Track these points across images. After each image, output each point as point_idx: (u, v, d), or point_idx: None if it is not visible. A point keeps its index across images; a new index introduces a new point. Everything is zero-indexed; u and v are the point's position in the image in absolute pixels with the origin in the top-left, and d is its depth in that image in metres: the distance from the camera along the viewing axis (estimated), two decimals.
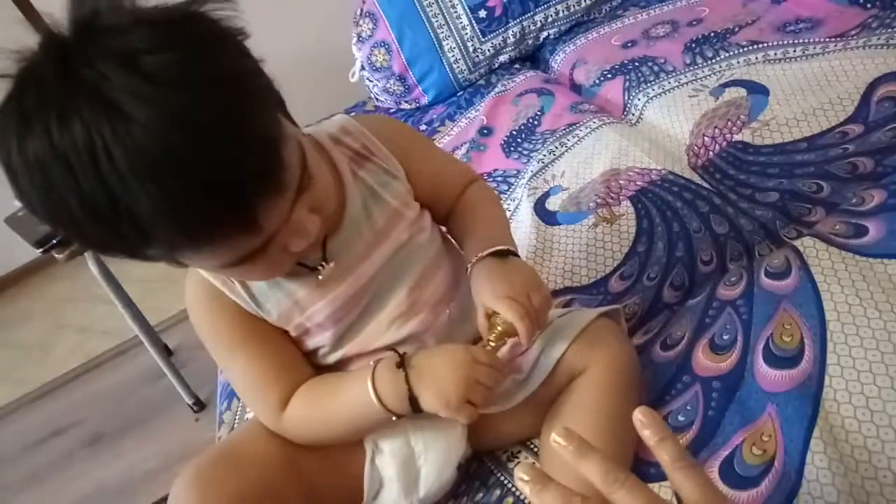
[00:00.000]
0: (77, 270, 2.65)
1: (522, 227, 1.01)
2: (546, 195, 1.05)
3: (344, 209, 0.63)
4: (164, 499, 0.73)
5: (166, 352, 1.81)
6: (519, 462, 0.72)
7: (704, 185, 0.90)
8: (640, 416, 0.45)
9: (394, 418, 0.60)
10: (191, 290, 0.64)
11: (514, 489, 0.69)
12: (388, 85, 1.53)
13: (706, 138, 0.97)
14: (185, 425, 1.71)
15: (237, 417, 0.96)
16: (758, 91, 1.00)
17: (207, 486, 0.59)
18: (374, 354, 0.66)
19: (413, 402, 0.59)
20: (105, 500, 1.63)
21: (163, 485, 1.52)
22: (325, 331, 0.65)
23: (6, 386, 2.28)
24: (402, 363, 0.60)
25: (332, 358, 0.67)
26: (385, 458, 0.67)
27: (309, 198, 0.52)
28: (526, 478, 0.43)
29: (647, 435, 0.44)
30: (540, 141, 1.18)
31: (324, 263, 0.61)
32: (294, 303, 0.63)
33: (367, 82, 1.59)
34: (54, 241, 1.40)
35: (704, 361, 0.69)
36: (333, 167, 0.64)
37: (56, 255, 1.44)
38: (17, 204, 1.49)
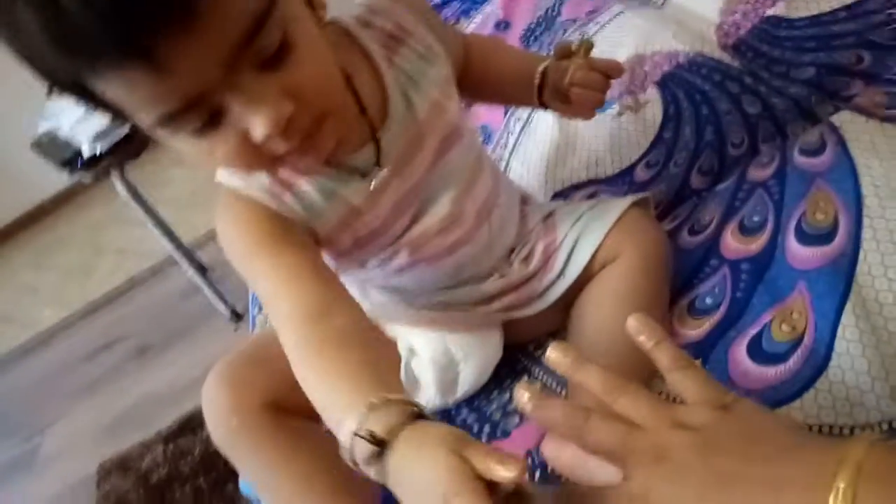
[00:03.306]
0: (109, 196, 2.70)
1: (544, 120, 0.98)
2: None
3: (387, 102, 0.59)
4: None
5: (201, 268, 1.86)
6: (545, 351, 0.73)
7: (735, 65, 0.86)
8: (633, 322, 0.44)
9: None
10: (225, 203, 0.58)
11: (541, 375, 0.71)
12: None
13: (737, 15, 0.91)
14: (225, 335, 1.78)
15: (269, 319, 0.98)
16: None
17: (238, 383, 0.59)
18: (419, 265, 0.65)
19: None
20: (157, 404, 1.72)
21: None
22: (375, 238, 0.62)
23: (54, 307, 2.39)
24: (382, 445, 0.39)
25: (380, 270, 0.66)
26: (422, 364, 0.68)
27: (285, 76, 0.45)
28: (527, 396, 0.42)
29: (643, 340, 0.44)
30: (560, 31, 1.13)
31: (377, 167, 0.59)
32: (351, 210, 0.59)
33: None
34: (80, 163, 1.42)
35: (733, 244, 0.67)
36: (365, 57, 0.59)
37: (82, 177, 1.46)
38: (42, 129, 1.50)
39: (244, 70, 0.43)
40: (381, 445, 0.39)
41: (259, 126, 0.44)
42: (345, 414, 0.42)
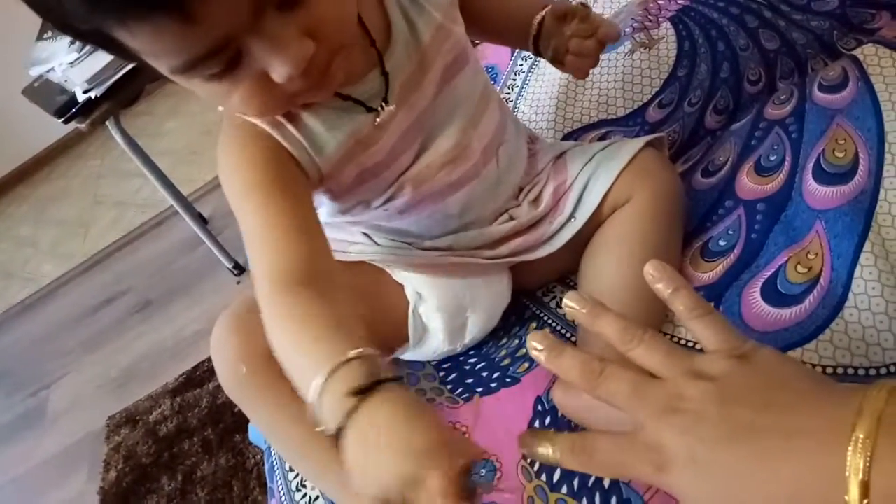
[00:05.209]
0: (106, 147, 2.68)
1: None
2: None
3: (389, 27, 0.58)
4: None
5: (201, 220, 1.84)
6: (555, 297, 0.73)
7: None
8: (650, 269, 0.43)
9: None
10: (227, 133, 0.58)
11: (549, 321, 0.70)
12: None
13: None
14: (228, 288, 1.78)
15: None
16: None
17: (245, 331, 0.58)
18: (424, 203, 0.64)
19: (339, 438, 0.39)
20: (162, 358, 1.74)
21: None
22: (379, 173, 0.61)
23: (55, 260, 2.39)
24: (364, 392, 0.38)
25: (384, 211, 0.64)
26: (431, 310, 0.67)
27: (305, 15, 0.45)
28: (540, 346, 0.41)
29: (660, 288, 0.42)
30: None
31: (384, 105, 0.57)
32: (356, 142, 0.58)
33: None
34: (74, 110, 1.38)
35: (749, 184, 0.66)
36: None
37: (78, 125, 1.42)
38: (33, 74, 1.45)
39: (266, 12, 0.43)
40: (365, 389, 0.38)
41: (282, 67, 0.44)
42: (311, 376, 0.40)
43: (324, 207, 0.65)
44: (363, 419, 0.37)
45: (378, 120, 0.57)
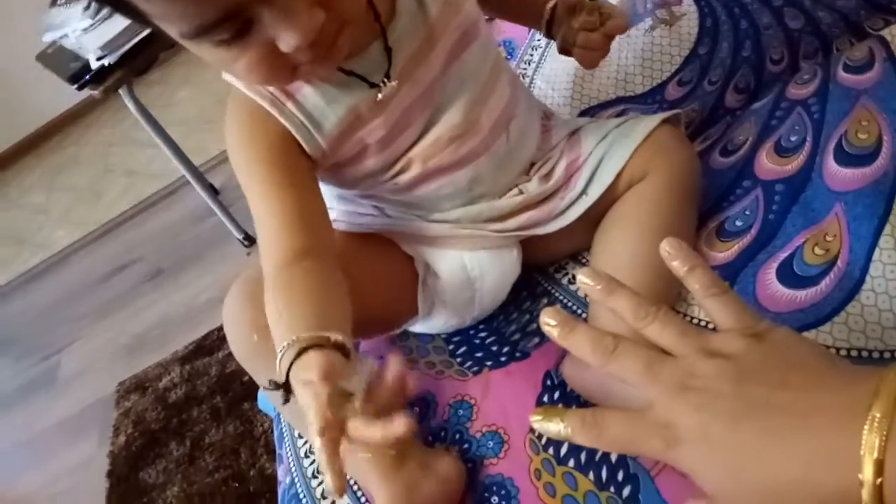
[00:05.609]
0: (118, 116, 2.68)
1: None
2: None
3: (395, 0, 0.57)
4: None
5: (213, 191, 1.85)
6: (567, 273, 0.72)
7: None
8: (666, 247, 0.42)
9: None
10: (232, 109, 0.59)
11: (561, 297, 0.70)
12: None
13: None
14: (239, 258, 1.79)
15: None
16: None
17: (258, 299, 0.57)
18: (432, 177, 0.63)
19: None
20: (173, 326, 1.75)
21: None
22: (384, 148, 0.60)
23: (66, 227, 2.40)
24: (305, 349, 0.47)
25: (391, 184, 0.64)
26: (440, 282, 0.67)
27: None
28: (553, 322, 0.40)
29: (676, 266, 0.42)
30: None
31: (385, 80, 0.57)
32: (356, 117, 0.58)
33: None
34: (88, 77, 1.38)
35: (768, 164, 0.65)
36: None
37: (92, 92, 1.42)
38: (47, 40, 1.44)
39: None
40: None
41: (291, 37, 0.44)
42: (286, 331, 0.49)
43: (334, 181, 0.65)
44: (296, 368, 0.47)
45: (380, 96, 0.57)
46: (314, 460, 0.67)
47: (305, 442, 0.69)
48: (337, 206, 0.71)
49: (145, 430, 1.51)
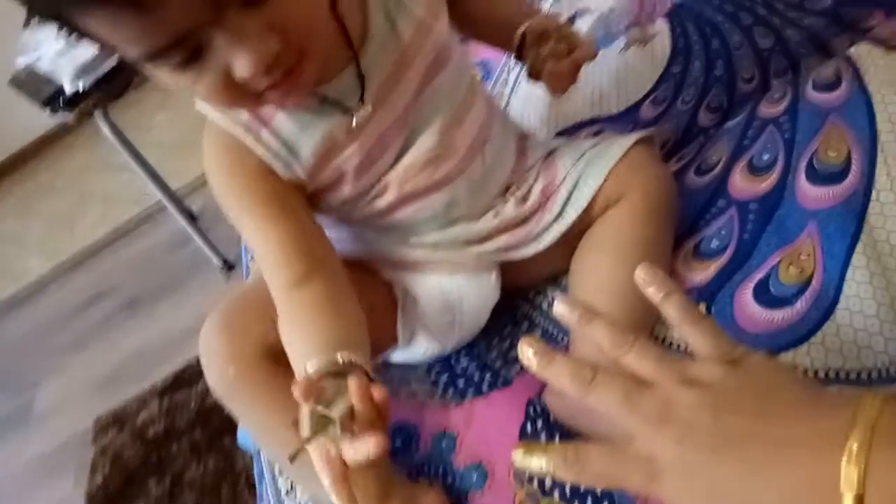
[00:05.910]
0: (93, 140, 2.64)
1: None
2: (571, 20, 0.96)
3: (367, 22, 0.57)
4: None
5: (191, 216, 1.82)
6: (546, 297, 0.72)
7: None
8: (641, 273, 0.42)
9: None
10: (209, 143, 0.58)
11: (541, 322, 0.69)
12: None
13: None
14: (217, 286, 1.76)
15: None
16: None
17: (234, 331, 0.59)
18: (408, 201, 0.63)
19: None
20: (151, 356, 1.72)
21: None
22: (361, 174, 0.60)
23: (40, 257, 2.36)
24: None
25: (368, 210, 0.63)
26: (419, 308, 0.67)
27: (270, 12, 0.44)
28: (530, 354, 0.40)
29: (652, 292, 0.42)
30: None
31: (360, 104, 0.56)
32: (332, 143, 0.57)
33: None
34: (62, 101, 1.36)
35: (741, 184, 0.65)
36: None
37: (65, 117, 1.40)
38: (20, 64, 1.41)
39: (230, 6, 0.42)
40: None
41: (244, 64, 0.44)
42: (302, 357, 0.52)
43: (311, 207, 0.64)
44: None
45: (354, 123, 0.57)
46: (296, 499, 0.66)
47: (286, 479, 0.67)
48: None
49: (123, 467, 1.47)
